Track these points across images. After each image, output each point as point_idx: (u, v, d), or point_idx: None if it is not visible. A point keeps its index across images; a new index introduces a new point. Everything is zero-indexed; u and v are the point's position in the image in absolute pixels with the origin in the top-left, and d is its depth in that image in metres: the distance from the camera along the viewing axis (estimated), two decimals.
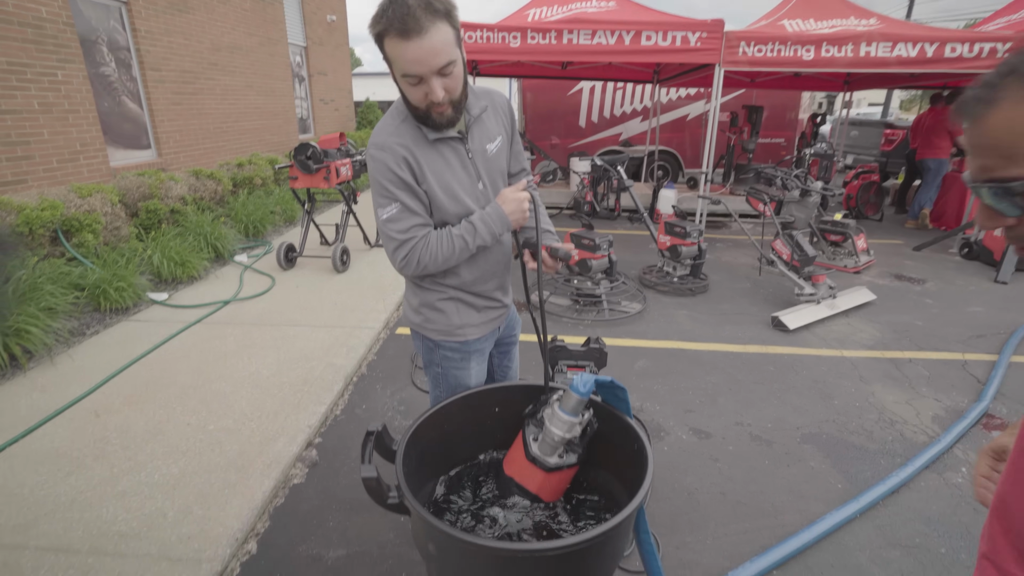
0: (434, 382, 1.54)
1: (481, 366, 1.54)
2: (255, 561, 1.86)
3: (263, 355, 3.12)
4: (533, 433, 1.34)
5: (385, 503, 1.17)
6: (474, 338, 1.48)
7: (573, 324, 3.83)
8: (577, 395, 1.21)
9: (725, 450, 2.50)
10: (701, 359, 3.35)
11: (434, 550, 1.12)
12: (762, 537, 2.01)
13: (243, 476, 2.15)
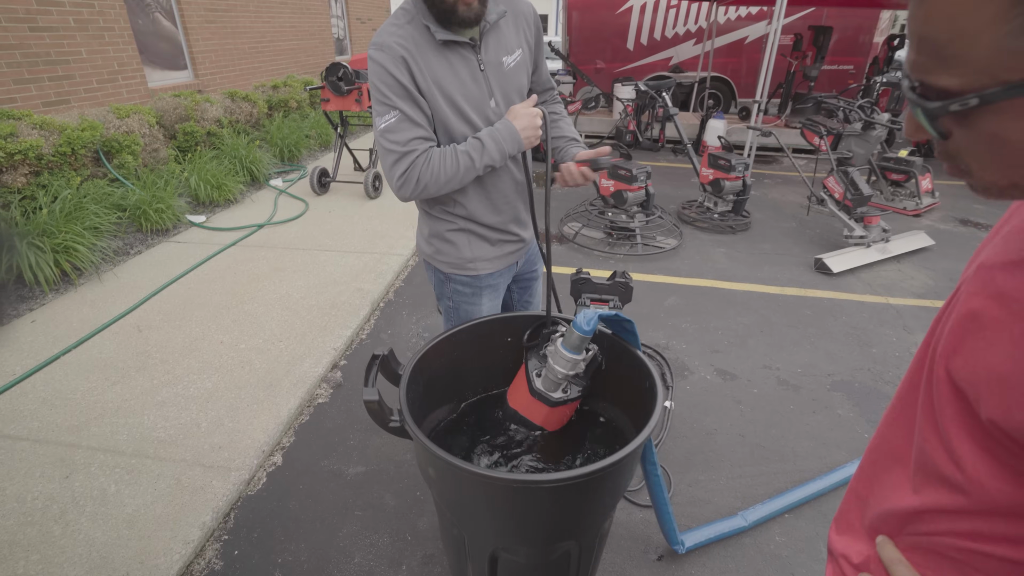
0: (446, 315, 1.51)
1: (494, 301, 1.48)
2: (280, 472, 1.96)
3: (294, 279, 3.17)
4: (536, 367, 1.29)
5: (386, 426, 1.16)
6: (486, 273, 1.41)
7: (604, 258, 3.74)
8: (579, 333, 1.15)
9: (749, 392, 2.44)
10: (734, 299, 3.23)
11: (434, 474, 1.12)
12: (777, 481, 1.98)
13: (271, 393, 2.23)
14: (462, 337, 1.35)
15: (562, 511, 1.08)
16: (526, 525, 1.10)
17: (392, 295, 3.19)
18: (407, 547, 1.71)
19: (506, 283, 1.48)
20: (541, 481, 0.97)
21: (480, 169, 1.23)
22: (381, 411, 1.13)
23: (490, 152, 1.22)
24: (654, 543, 1.73)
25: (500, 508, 1.08)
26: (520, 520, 1.09)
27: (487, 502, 1.07)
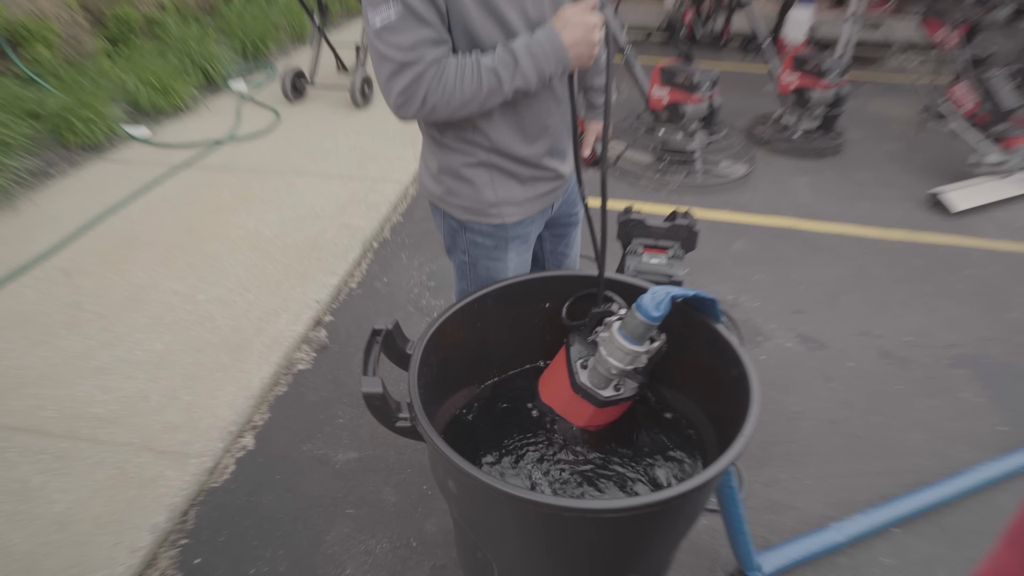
0: (459, 273, 1.43)
1: (523, 256, 1.41)
2: (252, 458, 1.90)
3: (264, 211, 3.06)
4: (581, 355, 1.22)
5: (393, 426, 1.07)
6: (514, 221, 1.33)
7: (655, 189, 3.58)
8: (645, 319, 1.07)
9: (843, 366, 2.32)
10: (822, 244, 3.07)
11: (455, 489, 1.03)
12: (881, 484, 1.88)
13: (238, 358, 2.15)
14: (486, 304, 1.28)
15: (624, 544, 1.02)
16: (576, 559, 1.05)
17: (388, 233, 3.09)
18: (411, 556, 1.65)
19: (537, 232, 1.43)
20: (601, 510, 0.89)
21: (508, 93, 1.12)
22: (386, 407, 1.05)
23: (524, 72, 1.09)
24: (722, 558, 1.65)
25: (543, 538, 1.01)
26: (569, 553, 1.03)
27: (525, 530, 1.01)
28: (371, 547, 1.66)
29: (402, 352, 1.17)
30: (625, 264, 2.02)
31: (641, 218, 2.02)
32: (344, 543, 1.67)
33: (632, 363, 1.14)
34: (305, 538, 1.68)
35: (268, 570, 1.59)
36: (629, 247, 2.04)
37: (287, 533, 1.68)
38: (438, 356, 1.19)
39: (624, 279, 1.31)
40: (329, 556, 1.64)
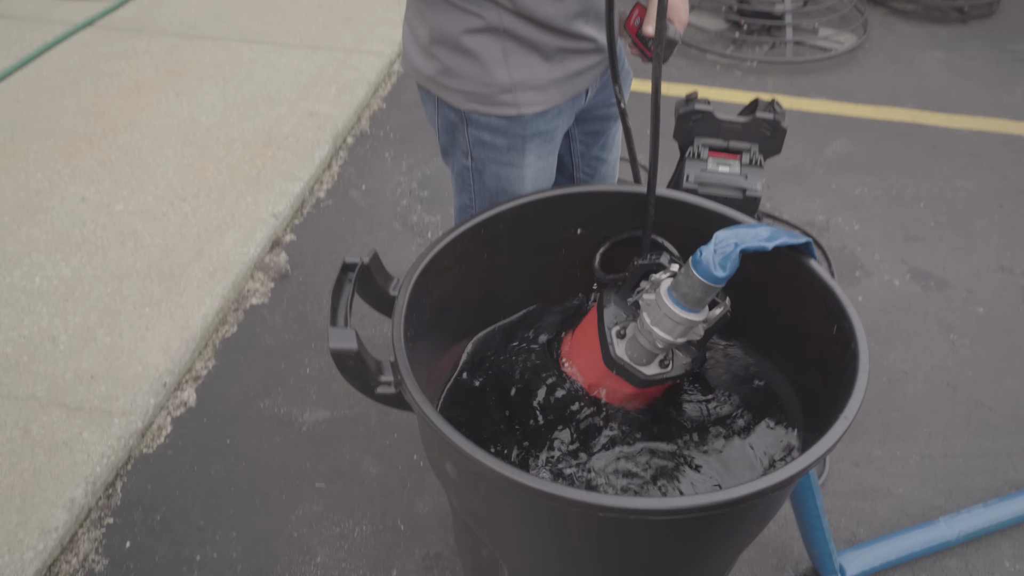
0: (459, 183, 1.41)
1: (545, 161, 1.38)
2: (194, 418, 1.93)
3: (199, 91, 2.99)
4: (618, 320, 1.20)
5: (373, 392, 1.07)
6: (535, 111, 1.28)
7: (726, 68, 3.48)
8: (705, 279, 1.04)
9: (970, 313, 2.30)
10: (954, 146, 2.99)
11: (455, 475, 1.03)
12: (1010, 467, 1.89)
13: (172, 288, 2.15)
14: (497, 229, 1.25)
15: (676, 552, 1.04)
16: (613, 567, 1.05)
17: (367, 124, 3.04)
18: (399, 541, 1.69)
19: (566, 127, 1.40)
20: (648, 511, 0.88)
21: None
22: (363, 368, 1.03)
23: None
24: (794, 555, 1.68)
25: (569, 541, 1.03)
26: (604, 560, 1.04)
27: (547, 531, 1.01)
28: (347, 530, 1.70)
29: (383, 293, 1.15)
30: (683, 173, 1.96)
31: (708, 109, 1.96)
32: (314, 524, 1.71)
33: (684, 335, 1.12)
34: (264, 518, 1.71)
35: (218, 556, 1.64)
36: (690, 149, 1.98)
37: (241, 511, 1.72)
38: (432, 299, 1.18)
39: (682, 198, 1.26)
40: (295, 540, 1.68)
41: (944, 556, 1.68)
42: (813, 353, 1.14)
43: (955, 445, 1.92)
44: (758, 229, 1.06)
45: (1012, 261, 2.46)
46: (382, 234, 2.50)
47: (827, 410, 1.05)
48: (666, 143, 1.99)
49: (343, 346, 1.00)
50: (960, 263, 2.45)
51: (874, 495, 1.80)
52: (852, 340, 1.04)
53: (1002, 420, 1.98)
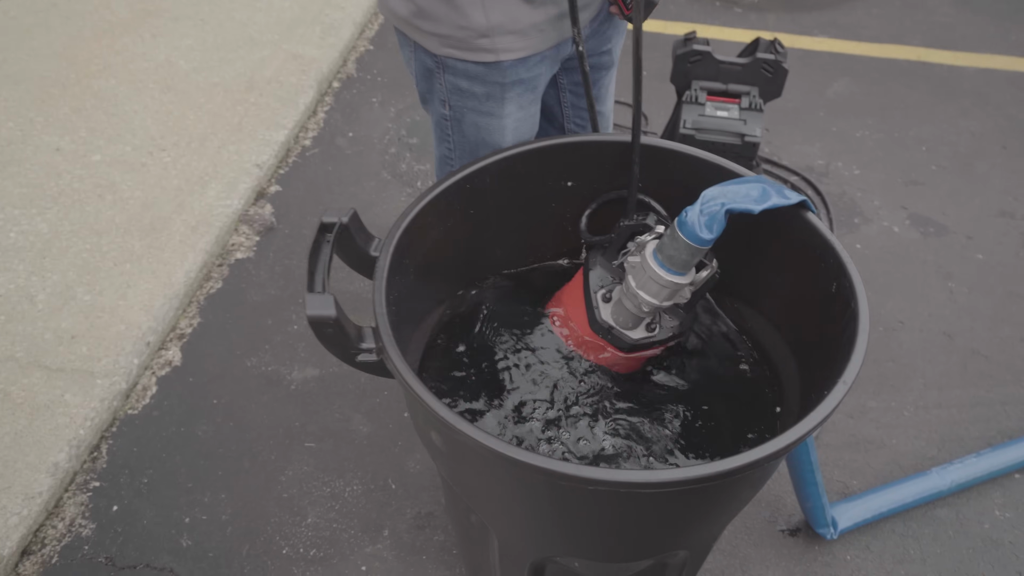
0: (439, 133, 1.38)
1: (527, 111, 1.33)
2: (180, 377, 1.90)
3: (177, 33, 2.89)
4: (603, 283, 1.19)
5: (354, 360, 1.03)
6: (514, 57, 1.22)
7: (726, 5, 3.37)
8: (690, 241, 1.02)
9: (969, 260, 2.27)
10: (959, 85, 2.92)
11: (441, 445, 1.00)
12: (1005, 416, 1.88)
13: (153, 243, 2.10)
14: (483, 183, 1.20)
15: (668, 522, 1.03)
16: (604, 537, 1.04)
17: (353, 67, 2.95)
18: (390, 500, 1.68)
19: (550, 75, 1.35)
20: (639, 484, 0.85)
21: None
22: (342, 336, 0.98)
23: None
24: (786, 508, 1.68)
25: (560, 512, 1.00)
26: (595, 530, 1.02)
27: (536, 502, 0.99)
28: (338, 489, 1.69)
29: (364, 254, 1.09)
30: (680, 118, 1.89)
31: (707, 50, 1.88)
32: (304, 484, 1.70)
33: (671, 298, 1.09)
34: (254, 478, 1.70)
35: (207, 518, 1.63)
36: (687, 93, 1.91)
37: (230, 472, 1.71)
38: (415, 259, 1.13)
39: (671, 147, 1.20)
40: (285, 501, 1.67)
41: (935, 506, 1.69)
42: (810, 311, 1.10)
43: (950, 395, 1.91)
44: (749, 187, 1.01)
45: (1013, 205, 2.42)
46: (370, 184, 2.44)
47: (825, 371, 1.01)
48: (665, 87, 1.93)
49: (321, 313, 0.95)
50: (961, 208, 2.41)
51: (867, 447, 1.80)
52: (852, 299, 1.00)
53: (997, 369, 1.97)
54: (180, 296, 1.98)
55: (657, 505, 0.92)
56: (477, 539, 1.20)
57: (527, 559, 1.10)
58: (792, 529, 1.64)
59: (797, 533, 1.63)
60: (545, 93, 1.44)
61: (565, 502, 0.93)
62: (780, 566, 1.58)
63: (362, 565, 1.57)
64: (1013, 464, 1.72)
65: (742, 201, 0.98)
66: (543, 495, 0.93)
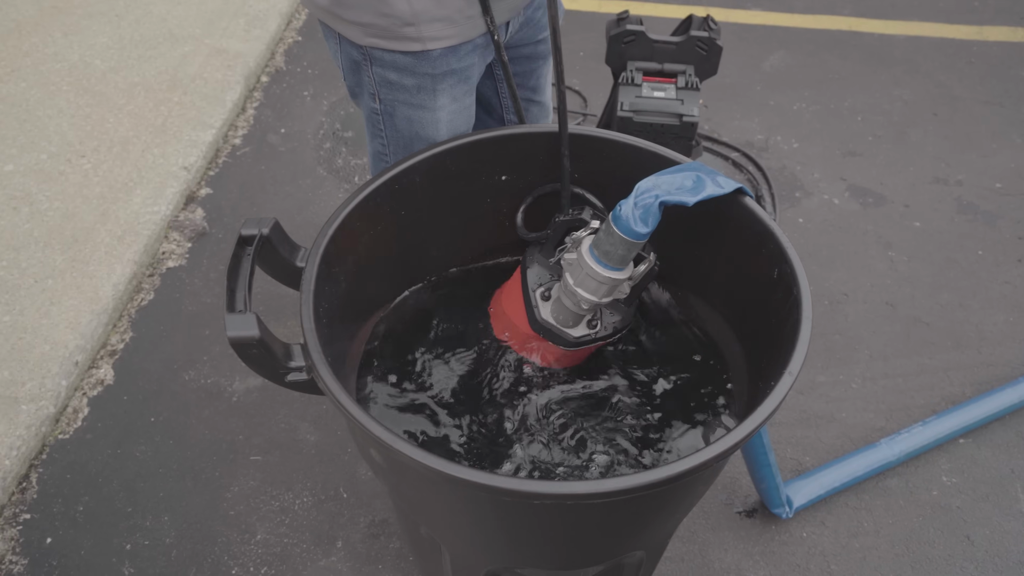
0: (371, 128, 1.33)
1: (461, 103, 1.29)
2: (113, 397, 1.83)
3: (91, 30, 2.77)
4: (542, 281, 1.16)
5: (283, 380, 0.97)
6: (443, 46, 1.17)
7: None
8: (627, 236, 0.99)
9: (907, 228, 2.31)
10: (890, 54, 2.96)
11: (383, 462, 0.96)
12: (948, 382, 1.92)
13: (76, 257, 2.01)
14: (412, 181, 1.16)
15: (620, 527, 1.00)
16: (556, 547, 1.02)
17: (282, 60, 2.86)
18: (342, 510, 1.65)
19: (484, 65, 1.31)
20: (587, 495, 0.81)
21: None
22: (268, 356, 0.94)
23: None
24: (742, 490, 1.69)
25: (508, 527, 0.97)
26: (546, 542, 0.99)
27: (484, 518, 0.96)
28: (288, 503, 1.65)
29: (289, 265, 1.04)
30: (617, 100, 1.87)
31: (641, 29, 1.86)
32: (251, 500, 1.65)
33: (610, 294, 1.07)
34: (198, 497, 1.65)
35: (150, 543, 1.57)
36: (623, 75, 1.88)
37: (172, 493, 1.65)
38: (346, 266, 1.08)
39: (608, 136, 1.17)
40: (232, 519, 1.62)
41: (885, 476, 1.72)
42: (754, 298, 1.08)
43: (895, 365, 1.94)
44: (683, 177, 0.99)
45: (947, 172, 2.46)
46: (306, 181, 2.36)
47: (771, 359, 1.00)
48: (604, 68, 1.91)
49: (243, 334, 0.90)
50: (897, 177, 2.44)
51: (818, 422, 1.82)
52: (794, 285, 0.99)
53: (939, 336, 2.01)
54: (109, 311, 1.90)
55: (608, 512, 0.89)
56: (429, 552, 1.17)
57: (480, 570, 1.07)
58: (749, 510, 1.65)
59: (754, 514, 1.65)
60: (482, 84, 1.39)
61: (512, 516, 0.90)
62: (739, 548, 1.59)
63: None
64: (957, 429, 1.75)
65: (676, 193, 0.96)
66: (488, 510, 0.90)
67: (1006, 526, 1.63)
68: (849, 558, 1.58)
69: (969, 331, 2.01)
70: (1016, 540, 1.60)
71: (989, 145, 2.55)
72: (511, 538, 0.96)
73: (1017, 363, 1.92)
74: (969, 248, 2.22)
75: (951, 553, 1.59)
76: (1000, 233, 2.26)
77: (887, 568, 1.57)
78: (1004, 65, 2.86)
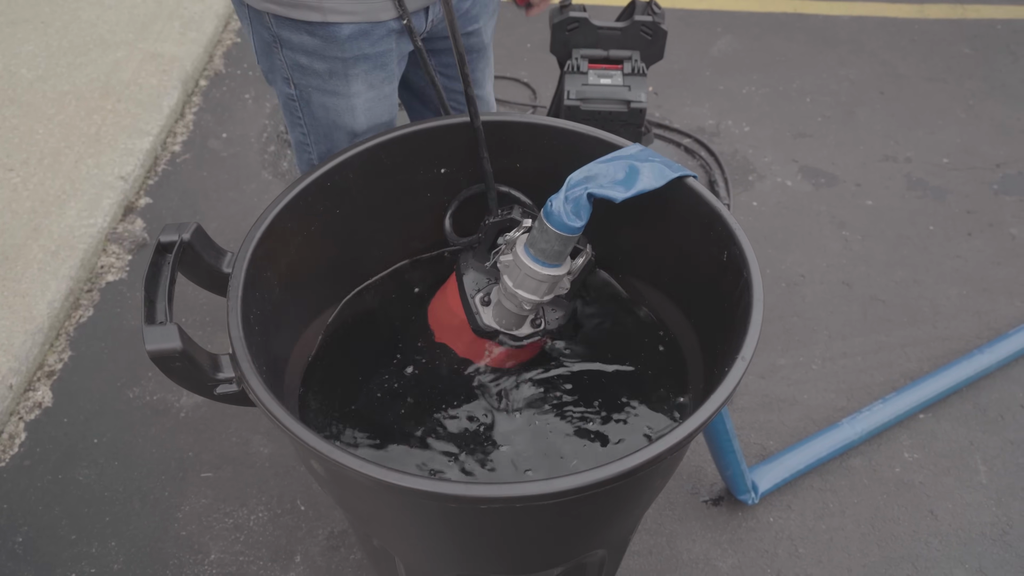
0: (288, 115, 1.29)
1: (379, 91, 1.25)
2: (52, 420, 1.75)
3: (15, 37, 2.67)
4: (479, 286, 1.14)
5: (211, 393, 0.92)
6: (345, 21, 1.13)
7: None
8: (561, 232, 0.97)
9: (859, 207, 2.32)
10: (834, 33, 2.99)
11: (323, 472, 0.91)
12: (905, 359, 1.93)
13: (7, 275, 1.93)
14: (345, 178, 1.11)
15: (581, 524, 0.97)
16: (512, 550, 0.99)
17: (220, 62, 2.79)
18: (300, 523, 1.60)
19: (401, 54, 1.26)
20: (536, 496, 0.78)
21: None
22: (194, 368, 0.89)
23: None
24: (708, 478, 1.68)
25: (457, 533, 0.94)
26: (502, 545, 0.97)
27: (432, 525, 0.93)
28: (242, 519, 1.59)
29: (216, 272, 0.98)
30: (564, 89, 1.84)
31: (584, 16, 1.84)
32: (203, 519, 1.59)
33: (551, 292, 1.05)
34: (146, 519, 1.58)
35: (96, 571, 1.50)
36: (569, 63, 1.86)
37: (119, 516, 1.59)
38: (279, 269, 1.03)
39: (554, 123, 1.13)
40: (183, 539, 1.56)
41: (849, 456, 1.71)
42: (705, 284, 1.06)
43: (853, 344, 1.95)
44: (616, 167, 0.96)
45: (895, 149, 2.48)
46: (250, 186, 2.29)
47: (725, 344, 0.98)
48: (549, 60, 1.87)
49: (163, 346, 0.85)
50: (848, 156, 2.45)
51: (780, 405, 1.81)
52: (744, 267, 0.96)
53: (895, 312, 2.02)
54: (44, 330, 1.81)
55: (561, 513, 0.86)
56: (383, 563, 1.13)
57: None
58: (715, 499, 1.64)
59: (720, 502, 1.63)
60: (416, 75, 1.35)
61: (461, 522, 0.86)
62: (706, 537, 1.57)
63: None
64: (916, 405, 1.76)
65: (607, 187, 0.94)
66: (437, 518, 0.86)
67: (968, 498, 1.63)
68: (816, 540, 1.57)
69: (924, 306, 2.02)
70: (978, 512, 1.61)
71: (935, 121, 2.57)
72: (463, 545, 0.92)
73: (971, 336, 1.94)
74: (920, 224, 2.23)
75: (916, 529, 1.59)
76: (949, 208, 2.28)
77: (854, 548, 1.56)
78: (945, 42, 2.90)
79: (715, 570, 1.53)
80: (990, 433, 1.74)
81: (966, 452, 1.71)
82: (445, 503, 0.78)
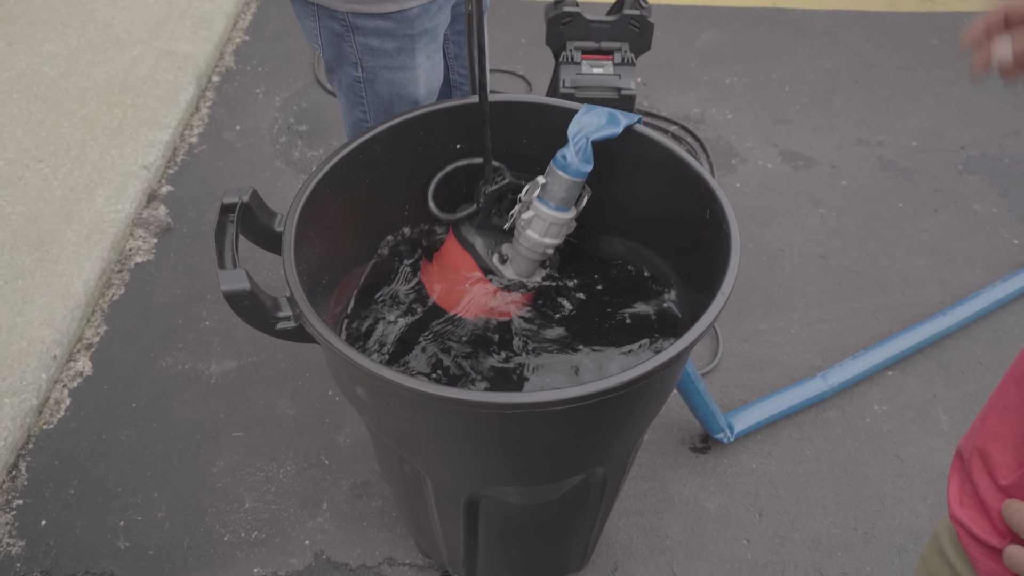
0: (349, 98, 1.38)
1: (433, 60, 1.36)
2: (93, 387, 1.87)
3: (36, 38, 2.75)
4: (492, 248, 1.26)
5: (273, 329, 1.06)
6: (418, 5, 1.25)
7: None
8: (575, 177, 1.13)
9: (835, 187, 2.46)
10: (811, 26, 3.11)
11: (367, 397, 1.05)
12: (876, 323, 2.07)
13: (45, 257, 2.04)
14: (374, 152, 1.22)
15: (583, 437, 1.07)
16: (527, 460, 1.11)
17: (231, 59, 2.90)
18: (325, 475, 1.73)
19: (447, 24, 1.39)
20: (552, 402, 0.92)
21: None
22: (259, 307, 1.02)
23: None
24: (694, 429, 1.82)
25: (485, 442, 1.07)
26: (518, 455, 1.09)
27: (462, 436, 1.05)
28: (272, 473, 1.72)
29: (268, 230, 1.12)
30: (559, 78, 1.97)
31: (577, 11, 1.96)
32: (236, 473, 1.72)
33: (564, 231, 1.19)
34: (185, 474, 1.71)
35: (142, 518, 1.63)
36: (563, 54, 1.99)
37: (160, 471, 1.71)
38: (319, 229, 1.16)
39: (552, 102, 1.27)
40: (219, 491, 1.69)
41: (823, 409, 1.86)
42: (690, 238, 1.19)
43: (829, 310, 2.09)
44: (595, 116, 1.13)
45: (868, 133, 2.63)
46: (265, 174, 2.42)
47: (709, 289, 1.12)
48: (545, 52, 2.01)
49: (235, 287, 0.99)
50: (824, 140, 2.60)
51: (762, 365, 1.96)
52: (724, 222, 1.10)
53: (867, 282, 2.16)
54: (82, 306, 1.94)
55: (570, 422, 1.00)
56: (412, 489, 1.26)
57: (461, 496, 1.17)
58: (702, 447, 1.78)
59: (707, 450, 1.78)
60: None
61: (486, 431, 1.00)
62: (695, 481, 1.72)
63: (305, 539, 1.61)
64: (884, 361, 1.90)
65: (603, 129, 1.10)
66: (467, 427, 1.00)
67: (930, 444, 1.79)
68: (794, 482, 1.73)
69: (893, 276, 2.17)
70: (939, 456, 1.77)
71: (905, 107, 2.72)
72: (486, 454, 1.06)
73: (936, 302, 2.09)
74: (891, 202, 2.38)
75: (883, 471, 1.75)
76: (918, 187, 2.43)
77: (828, 488, 1.72)
78: (915, 33, 3.04)
79: (703, 510, 1.68)
80: (951, 387, 1.89)
81: (929, 404, 1.86)
82: (476, 410, 0.92)
